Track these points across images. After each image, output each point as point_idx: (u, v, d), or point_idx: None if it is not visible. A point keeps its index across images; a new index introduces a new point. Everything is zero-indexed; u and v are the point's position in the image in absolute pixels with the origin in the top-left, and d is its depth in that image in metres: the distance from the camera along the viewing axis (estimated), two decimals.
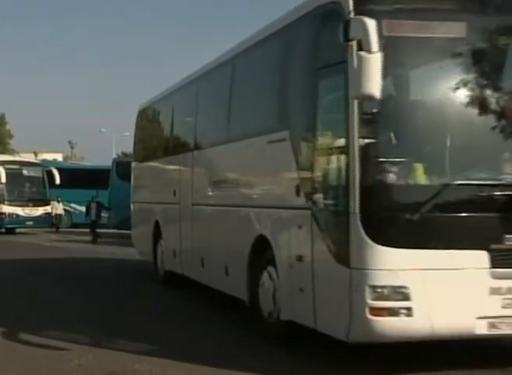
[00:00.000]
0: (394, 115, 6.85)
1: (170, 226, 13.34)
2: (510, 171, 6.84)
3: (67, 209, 34.93)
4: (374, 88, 6.15)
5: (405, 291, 6.44)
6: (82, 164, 48.85)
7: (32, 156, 54.47)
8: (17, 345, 8.45)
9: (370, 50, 6.15)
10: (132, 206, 17.04)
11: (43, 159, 45.12)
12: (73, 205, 34.91)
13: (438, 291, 6.49)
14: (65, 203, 34.34)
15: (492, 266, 6.57)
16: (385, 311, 6.47)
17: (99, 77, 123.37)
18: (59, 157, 70.05)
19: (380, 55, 6.16)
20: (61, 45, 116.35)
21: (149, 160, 15.30)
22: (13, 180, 30.57)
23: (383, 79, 6.23)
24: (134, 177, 16.95)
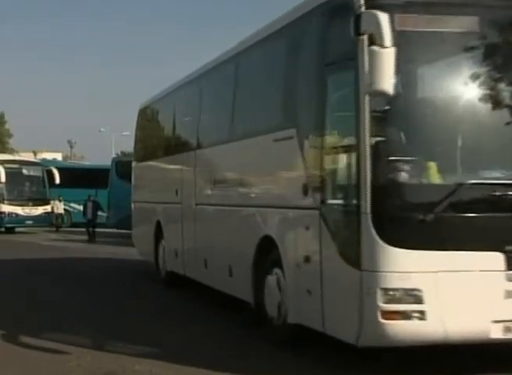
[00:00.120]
0: (406, 112, 6.63)
1: (172, 226, 13.13)
2: None
3: (67, 209, 34.87)
4: (386, 84, 5.96)
5: (418, 294, 6.24)
6: (81, 163, 48.81)
7: (31, 155, 54.35)
8: (17, 345, 8.36)
9: (383, 44, 5.96)
10: (133, 206, 16.77)
11: (42, 159, 45.00)
12: (73, 205, 34.80)
13: (452, 294, 6.28)
14: (64, 203, 34.27)
15: (508, 269, 6.36)
16: (397, 314, 6.26)
17: (99, 77, 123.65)
18: (59, 156, 69.89)
19: (393, 50, 5.96)
20: (61, 45, 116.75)
21: (150, 159, 15.09)
22: (13, 180, 30.53)
23: (395, 75, 6.03)
24: (135, 177, 16.73)
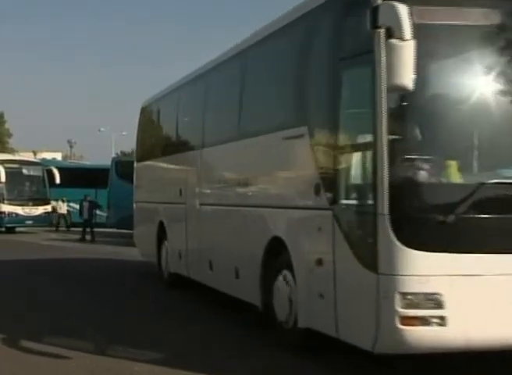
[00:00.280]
0: (425, 108, 6.34)
1: (175, 226, 12.85)
2: None
3: (67, 209, 34.60)
4: (406, 79, 5.70)
5: (438, 299, 5.96)
6: (81, 163, 48.69)
7: (31, 155, 54.23)
8: (16, 346, 8.24)
9: (402, 37, 5.72)
10: (134, 206, 16.47)
11: (42, 158, 44.90)
12: (72, 205, 34.58)
13: (474, 299, 6.01)
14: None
15: None
16: (416, 320, 5.98)
17: (99, 77, 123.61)
18: (58, 156, 69.72)
19: (413, 43, 5.70)
20: (61, 45, 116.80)
21: (153, 158, 14.81)
22: (13, 179, 30.45)
23: (414, 70, 5.76)
24: (137, 176, 16.45)
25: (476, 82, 6.41)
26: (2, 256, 19.14)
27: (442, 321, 5.97)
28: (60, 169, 32.18)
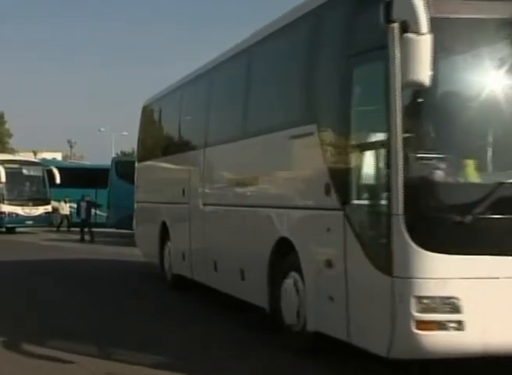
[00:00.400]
0: (441, 106, 6.10)
1: (179, 227, 12.62)
2: None
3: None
4: (423, 74, 5.50)
5: (455, 303, 5.75)
6: (81, 163, 48.56)
7: (31, 155, 54.03)
8: (17, 349, 8.11)
9: (419, 31, 5.51)
10: (136, 206, 16.24)
11: (42, 158, 44.76)
12: (72, 205, 34.44)
13: (492, 303, 5.79)
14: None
15: None
16: (432, 324, 5.78)
17: (99, 77, 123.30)
18: (58, 156, 69.51)
19: (430, 37, 5.49)
20: (61, 45, 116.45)
21: (155, 158, 14.58)
22: (13, 180, 30.36)
23: (430, 66, 5.56)
24: (138, 176, 16.22)
25: (494, 78, 6.17)
26: (3, 257, 18.99)
27: (459, 326, 5.77)
28: (60, 169, 32.09)
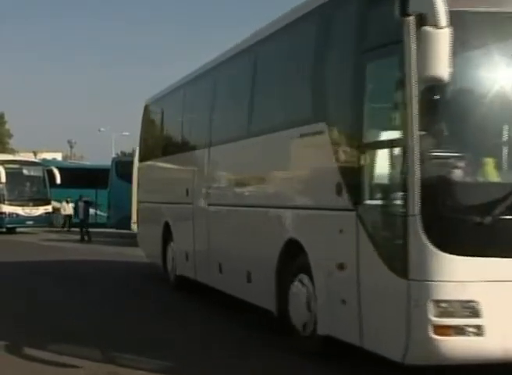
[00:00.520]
0: (459, 102, 5.90)
1: (182, 227, 12.41)
2: None
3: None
4: (441, 70, 5.29)
5: (475, 307, 5.56)
6: (81, 163, 48.46)
7: (31, 156, 53.80)
8: (19, 352, 7.98)
9: (437, 25, 5.29)
10: (138, 206, 16.02)
11: (42, 159, 44.62)
12: (72, 205, 34.34)
13: None
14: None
15: None
16: (451, 329, 5.57)
17: (99, 77, 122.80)
18: (59, 156, 69.28)
19: (449, 31, 5.28)
20: (61, 45, 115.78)
21: (158, 157, 14.37)
22: (13, 180, 30.29)
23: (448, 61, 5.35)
24: (141, 176, 16.03)
25: None
26: (3, 257, 18.93)
27: (478, 330, 5.57)
28: (60, 169, 32.04)
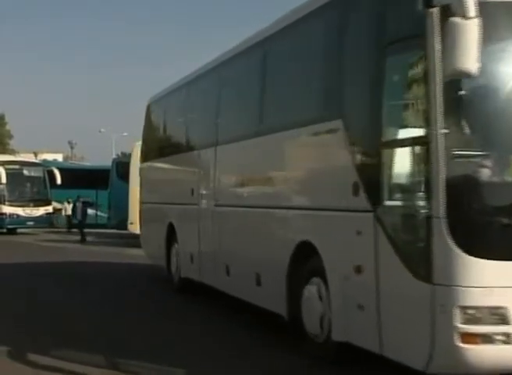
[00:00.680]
0: (487, 98, 5.62)
1: (187, 228, 12.11)
2: None
3: None
4: (470, 63, 5.02)
5: (503, 313, 5.28)
6: (82, 164, 48.32)
7: (32, 156, 53.63)
8: (20, 355, 7.82)
9: (466, 15, 5.02)
10: (141, 207, 15.71)
11: (43, 159, 44.47)
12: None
13: None
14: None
15: None
16: (478, 337, 5.30)
17: (99, 77, 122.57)
18: (59, 157, 69.12)
19: (477, 22, 5.01)
20: (61, 45, 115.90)
21: (161, 158, 14.08)
22: (14, 181, 30.16)
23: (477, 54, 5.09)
24: (143, 176, 15.71)
25: None
26: (4, 257, 18.80)
27: (507, 338, 5.30)
28: (61, 170, 31.95)
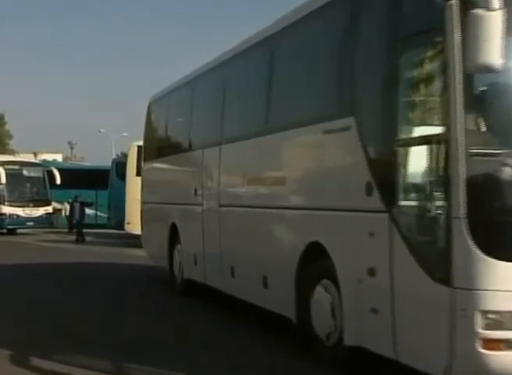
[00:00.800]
0: (510, 93, 5.42)
1: (191, 229, 11.89)
2: None
3: None
4: (494, 57, 4.79)
5: None
6: (82, 164, 48.18)
7: (32, 157, 53.55)
8: (16, 351, 7.82)
9: (489, 7, 4.80)
10: (143, 207, 15.49)
11: (43, 160, 44.34)
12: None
13: None
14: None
15: None
16: (501, 343, 5.07)
17: (99, 77, 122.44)
18: (59, 157, 69.01)
19: (501, 13, 4.79)
20: (61, 45, 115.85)
21: (163, 157, 13.86)
22: (13, 181, 29.96)
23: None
24: (145, 176, 15.50)
25: None
26: (4, 258, 18.70)
27: None
28: (61, 170, 31.82)
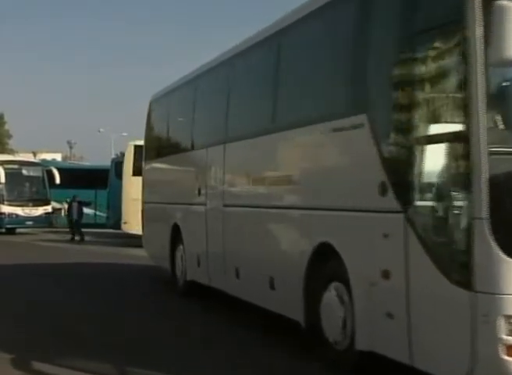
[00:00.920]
0: None
1: (193, 229, 11.66)
2: None
3: None
4: None
5: None
6: (81, 164, 48.04)
7: (31, 156, 53.32)
8: (15, 352, 7.75)
9: None
10: (144, 207, 15.27)
11: (42, 159, 44.12)
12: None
13: None
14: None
15: None
16: None
17: (99, 77, 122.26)
18: (58, 157, 68.77)
19: None
20: (61, 45, 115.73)
21: (165, 156, 13.63)
22: (13, 180, 29.80)
23: None
24: (146, 176, 15.28)
25: None
26: (3, 258, 18.64)
27: None
28: (60, 169, 31.62)
